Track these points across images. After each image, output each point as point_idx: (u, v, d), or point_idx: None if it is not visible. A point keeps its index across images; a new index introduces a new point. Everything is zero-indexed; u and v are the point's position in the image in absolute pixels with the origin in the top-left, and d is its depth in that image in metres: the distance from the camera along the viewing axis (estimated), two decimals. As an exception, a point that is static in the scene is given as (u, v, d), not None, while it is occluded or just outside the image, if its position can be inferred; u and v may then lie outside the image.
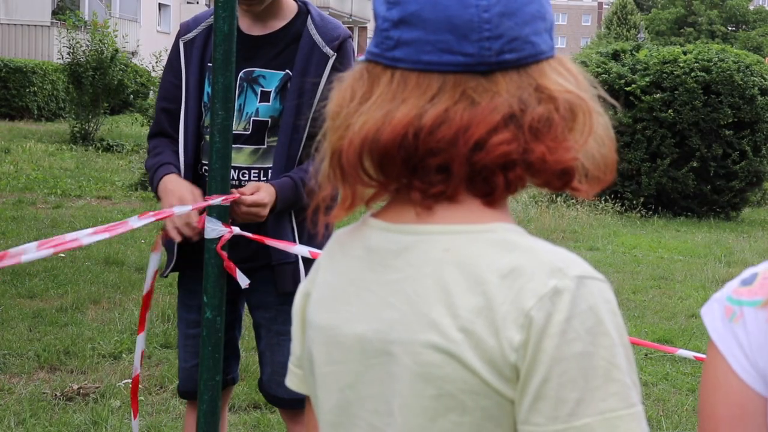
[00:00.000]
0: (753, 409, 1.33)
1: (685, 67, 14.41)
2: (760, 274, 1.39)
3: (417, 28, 1.26)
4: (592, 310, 1.18)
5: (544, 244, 1.26)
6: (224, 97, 2.94)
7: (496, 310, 1.19)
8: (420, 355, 1.23)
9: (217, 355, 3.04)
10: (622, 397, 1.18)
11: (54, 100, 24.13)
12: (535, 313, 1.18)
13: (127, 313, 6.88)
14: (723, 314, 1.37)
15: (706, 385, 1.37)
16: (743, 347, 1.34)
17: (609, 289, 1.23)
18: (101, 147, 18.22)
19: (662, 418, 5.46)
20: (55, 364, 5.72)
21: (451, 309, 1.22)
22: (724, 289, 1.41)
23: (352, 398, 1.32)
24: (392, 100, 1.26)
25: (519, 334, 1.18)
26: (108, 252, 8.88)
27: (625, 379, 1.19)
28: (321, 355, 1.36)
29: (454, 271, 1.23)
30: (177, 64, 3.28)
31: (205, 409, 3.06)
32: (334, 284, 1.36)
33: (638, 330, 7.42)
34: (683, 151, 14.47)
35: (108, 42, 18.79)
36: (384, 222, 1.32)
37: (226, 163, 2.97)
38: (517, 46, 1.26)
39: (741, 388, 1.33)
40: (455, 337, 1.21)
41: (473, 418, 1.21)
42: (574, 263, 1.22)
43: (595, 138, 1.30)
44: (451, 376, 1.21)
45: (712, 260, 10.95)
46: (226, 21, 2.91)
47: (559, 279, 1.19)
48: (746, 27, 68.02)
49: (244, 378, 5.64)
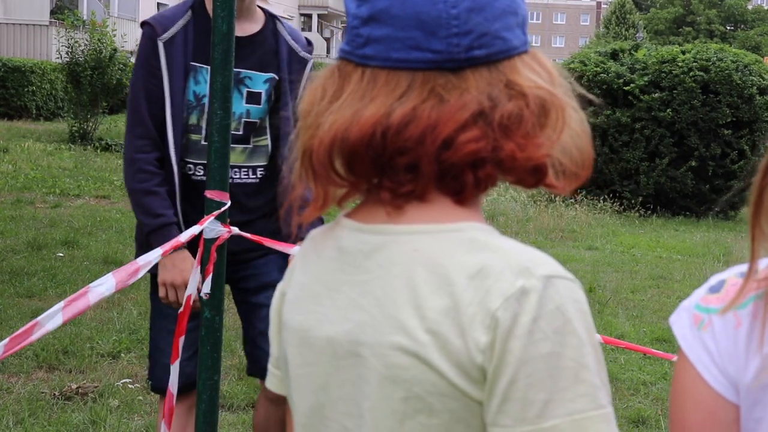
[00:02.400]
0: (723, 416, 1.32)
1: (684, 66, 14.41)
2: (727, 281, 1.38)
3: (386, 25, 1.24)
4: (560, 310, 1.16)
5: (513, 244, 1.23)
6: (223, 96, 2.94)
7: (463, 311, 1.18)
8: (388, 357, 1.21)
9: (216, 355, 3.04)
10: (591, 398, 1.16)
11: (52, 99, 24.11)
12: (501, 314, 1.16)
13: (125, 312, 6.88)
14: (692, 322, 1.37)
15: (677, 393, 1.36)
16: (712, 355, 1.33)
17: (578, 288, 1.21)
18: (100, 146, 18.20)
19: (661, 417, 5.47)
20: (53, 364, 5.72)
21: (418, 310, 1.20)
22: (692, 297, 1.40)
23: (324, 400, 1.31)
24: (362, 98, 1.24)
25: (485, 335, 1.16)
26: (106, 251, 8.88)
27: (593, 379, 1.16)
28: (294, 356, 1.35)
29: (423, 271, 1.21)
30: (156, 63, 3.27)
31: (204, 409, 3.06)
32: (306, 285, 1.35)
33: (636, 329, 7.42)
34: (682, 150, 14.48)
35: (106, 41, 18.77)
36: (356, 222, 1.30)
37: (225, 162, 2.97)
38: (486, 42, 1.24)
39: (711, 396, 1.32)
40: (422, 338, 1.19)
41: (441, 421, 1.20)
42: (542, 263, 1.20)
43: (570, 134, 1.27)
44: (419, 378, 1.19)
45: (710, 260, 10.96)
46: (224, 21, 2.91)
47: (526, 279, 1.17)
48: (745, 26, 68.06)
49: (243, 377, 5.64)
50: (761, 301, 1.32)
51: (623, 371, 6.27)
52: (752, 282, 1.33)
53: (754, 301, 1.33)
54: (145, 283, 7.59)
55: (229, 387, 5.44)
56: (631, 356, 6.52)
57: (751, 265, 1.33)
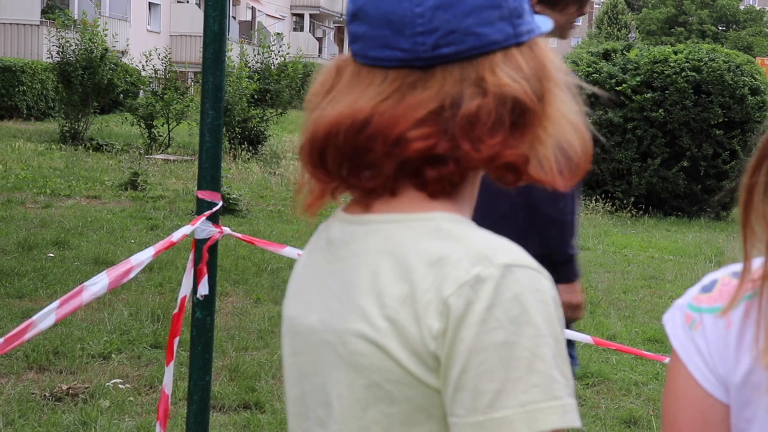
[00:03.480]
0: (714, 416, 1.32)
1: (676, 66, 14.43)
2: (719, 281, 1.38)
3: (364, 23, 1.26)
4: (518, 299, 1.14)
5: (480, 233, 1.22)
6: (214, 96, 2.93)
7: (419, 298, 1.17)
8: (350, 345, 1.22)
9: (207, 356, 3.03)
10: (545, 389, 1.13)
11: (43, 99, 24.06)
12: (453, 301, 1.15)
13: (116, 313, 6.86)
14: (683, 321, 1.37)
15: (668, 392, 1.36)
16: (703, 355, 1.33)
17: (543, 278, 1.18)
18: (91, 146, 18.16)
19: (652, 418, 5.47)
20: (44, 365, 5.70)
21: (379, 298, 1.20)
22: (685, 296, 1.40)
23: (306, 389, 1.31)
24: (346, 94, 1.26)
25: (438, 322, 1.15)
26: (97, 252, 8.86)
27: (550, 371, 1.14)
28: (286, 345, 1.37)
29: (388, 259, 1.21)
30: None
31: (195, 410, 3.05)
32: (301, 275, 1.37)
33: (628, 330, 7.43)
34: (674, 150, 14.49)
35: (98, 41, 18.73)
36: (344, 213, 1.32)
37: (217, 162, 2.96)
38: (455, 39, 1.22)
39: (702, 396, 1.32)
40: (381, 326, 1.19)
41: (401, 409, 1.19)
42: (504, 251, 1.18)
43: (562, 128, 1.25)
44: (377, 365, 1.19)
45: (702, 260, 10.97)
46: (216, 20, 2.90)
47: (483, 267, 1.16)
48: (737, 27, 68.18)
49: (234, 378, 5.63)
50: (752, 302, 1.31)
51: (615, 371, 6.27)
52: (747, 282, 1.32)
53: (746, 302, 1.32)
54: (136, 283, 7.59)
55: (221, 388, 5.43)
56: (622, 357, 6.52)
57: (745, 266, 1.33)
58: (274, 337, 6.60)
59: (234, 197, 11.64)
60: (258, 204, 13.01)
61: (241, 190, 12.68)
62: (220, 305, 7.22)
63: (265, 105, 19.56)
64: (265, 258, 8.93)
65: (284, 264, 8.66)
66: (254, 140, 19.07)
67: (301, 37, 44.21)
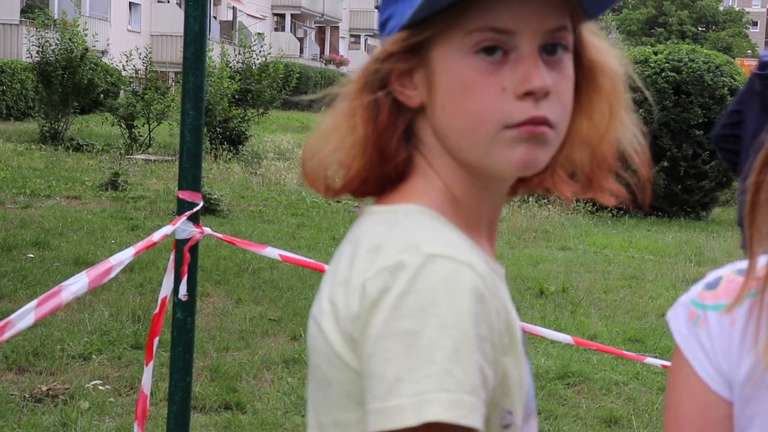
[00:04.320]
0: (716, 412, 1.33)
1: (656, 67, 14.50)
2: (724, 278, 1.39)
3: None
4: (432, 289, 1.12)
5: (425, 225, 1.20)
6: (195, 96, 2.93)
7: (352, 281, 1.17)
8: (309, 326, 1.24)
9: (188, 356, 3.02)
10: (439, 380, 1.08)
11: (23, 99, 23.94)
12: (369, 285, 1.14)
13: (96, 314, 6.83)
14: (687, 318, 1.37)
15: (672, 389, 1.37)
16: (707, 351, 1.34)
17: (469, 272, 1.14)
18: (71, 146, 18.10)
19: (633, 417, 5.49)
20: (23, 365, 5.67)
21: (332, 282, 1.21)
22: (689, 293, 1.40)
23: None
24: None
25: (356, 304, 1.15)
26: (78, 252, 8.82)
27: (448, 364, 1.09)
28: None
29: (349, 246, 1.23)
30: None
31: (176, 410, 3.04)
32: None
33: (609, 329, 7.45)
34: (654, 151, 14.53)
35: (78, 41, 18.67)
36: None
37: (198, 162, 2.96)
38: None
39: (705, 392, 1.33)
40: (325, 307, 1.20)
41: (334, 393, 1.19)
42: (434, 242, 1.16)
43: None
44: (318, 347, 1.20)
45: (682, 260, 11.02)
46: (197, 20, 2.90)
47: (408, 255, 1.14)
48: (716, 27, 68.56)
49: (215, 378, 5.62)
50: (756, 299, 1.32)
51: (596, 371, 6.29)
52: (752, 280, 1.33)
53: (750, 299, 1.33)
54: (116, 284, 7.56)
55: (201, 388, 5.41)
56: (603, 356, 6.54)
57: (751, 263, 1.33)
58: (255, 338, 6.58)
59: (215, 197, 11.62)
60: (239, 204, 12.99)
61: (222, 191, 12.66)
62: (201, 305, 7.20)
63: (246, 105, 19.54)
64: (246, 258, 8.91)
65: (265, 264, 8.64)
66: (235, 140, 19.04)
67: (282, 37, 44.16)
